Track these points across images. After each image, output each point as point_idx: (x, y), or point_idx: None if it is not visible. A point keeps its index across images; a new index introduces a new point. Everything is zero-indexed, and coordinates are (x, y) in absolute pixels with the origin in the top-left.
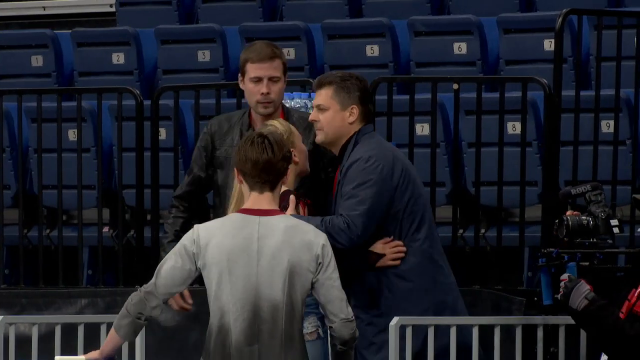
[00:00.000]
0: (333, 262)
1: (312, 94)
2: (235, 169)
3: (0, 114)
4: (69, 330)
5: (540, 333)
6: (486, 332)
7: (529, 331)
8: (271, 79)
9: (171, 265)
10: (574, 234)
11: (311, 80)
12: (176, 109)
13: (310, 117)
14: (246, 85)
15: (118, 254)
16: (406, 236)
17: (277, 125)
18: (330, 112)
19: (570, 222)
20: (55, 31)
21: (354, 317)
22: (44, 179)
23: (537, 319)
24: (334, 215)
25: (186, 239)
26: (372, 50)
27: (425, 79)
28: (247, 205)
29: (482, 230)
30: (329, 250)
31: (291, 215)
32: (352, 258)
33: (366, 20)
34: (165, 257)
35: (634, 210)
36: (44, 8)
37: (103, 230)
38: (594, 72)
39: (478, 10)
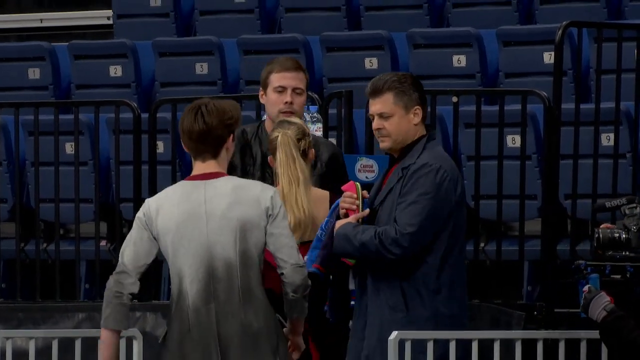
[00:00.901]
0: (282, 212)
1: (311, 107)
2: None
3: None
4: (66, 345)
5: (540, 348)
6: (486, 347)
7: (529, 346)
8: (295, 90)
9: (132, 241)
10: (604, 247)
11: (309, 93)
12: (174, 122)
13: (375, 126)
14: (268, 97)
15: (115, 267)
16: (450, 251)
17: (298, 121)
18: (395, 118)
19: (601, 235)
20: (52, 44)
21: (304, 264)
22: (41, 192)
23: (537, 334)
24: (388, 226)
25: (139, 212)
26: (371, 62)
27: (425, 91)
28: (192, 173)
29: (482, 244)
30: (278, 201)
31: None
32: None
33: (365, 32)
34: (127, 237)
35: None
36: (41, 20)
37: (100, 244)
38: (594, 85)
39: (477, 23)
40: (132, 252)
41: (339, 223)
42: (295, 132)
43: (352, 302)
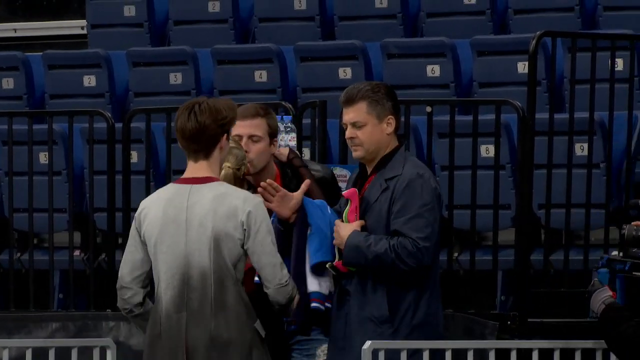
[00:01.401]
0: (264, 228)
1: (284, 117)
2: None
3: None
4: (40, 354)
5: (513, 357)
6: (459, 356)
7: (503, 356)
8: (251, 138)
9: (127, 252)
10: (629, 244)
11: (283, 103)
12: (148, 132)
13: (348, 135)
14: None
15: (89, 277)
16: (435, 260)
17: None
18: (368, 127)
19: (626, 232)
20: (26, 53)
21: (287, 282)
22: (15, 202)
23: (511, 344)
24: (401, 239)
25: (135, 214)
26: (345, 72)
27: (399, 101)
28: (184, 174)
29: (455, 254)
30: (257, 216)
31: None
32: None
33: (339, 42)
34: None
35: (608, 234)
36: (15, 30)
37: (74, 254)
38: (568, 95)
39: (451, 33)
40: (127, 264)
41: (343, 228)
42: (234, 163)
43: (313, 305)
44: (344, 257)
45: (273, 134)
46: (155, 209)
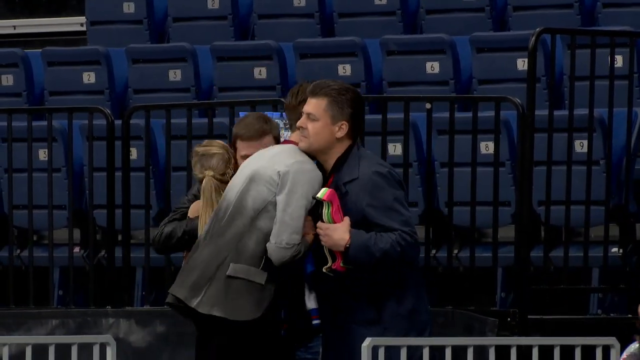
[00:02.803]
0: (297, 190)
1: (284, 113)
2: None
3: None
4: (40, 351)
5: (513, 354)
6: (459, 353)
7: (502, 352)
8: None
9: None
10: None
11: (283, 100)
12: (147, 129)
13: (299, 123)
14: (239, 161)
15: (89, 274)
16: None
17: (214, 143)
18: (319, 124)
19: None
20: (25, 50)
21: (289, 246)
22: (15, 198)
23: (510, 340)
24: (397, 232)
25: None
26: (345, 69)
27: (398, 98)
28: None
29: (455, 251)
30: (295, 178)
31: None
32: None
33: (338, 39)
34: None
35: (607, 231)
36: (14, 27)
37: (74, 251)
38: (568, 92)
39: (451, 30)
40: None
41: (335, 230)
42: (216, 169)
43: (315, 322)
44: (350, 257)
45: (277, 138)
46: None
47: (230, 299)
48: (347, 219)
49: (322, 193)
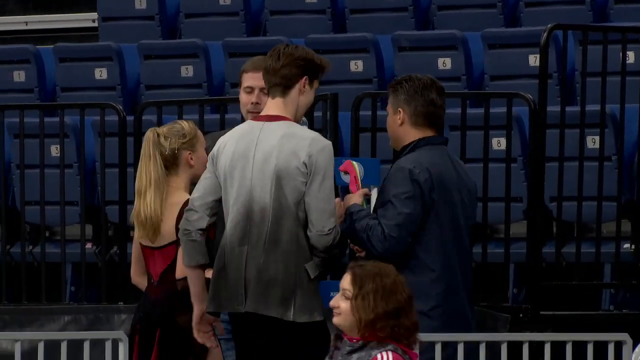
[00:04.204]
0: (323, 172)
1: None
2: None
3: None
4: (52, 347)
5: (525, 350)
6: (471, 349)
7: (515, 348)
8: (263, 90)
9: (203, 177)
10: None
11: None
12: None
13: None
14: (240, 97)
15: (101, 270)
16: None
17: (184, 124)
18: (389, 116)
19: None
20: (37, 46)
21: (330, 231)
22: (27, 195)
23: (523, 336)
24: (376, 221)
25: (211, 152)
26: (356, 65)
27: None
28: (262, 112)
29: None
30: (319, 160)
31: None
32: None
33: (350, 35)
34: None
35: (620, 227)
36: (26, 23)
37: (86, 247)
38: (579, 88)
39: (462, 26)
40: (200, 189)
41: (348, 200)
42: (166, 131)
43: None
44: (345, 222)
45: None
46: (230, 143)
47: (319, 299)
48: (362, 191)
49: (340, 164)
